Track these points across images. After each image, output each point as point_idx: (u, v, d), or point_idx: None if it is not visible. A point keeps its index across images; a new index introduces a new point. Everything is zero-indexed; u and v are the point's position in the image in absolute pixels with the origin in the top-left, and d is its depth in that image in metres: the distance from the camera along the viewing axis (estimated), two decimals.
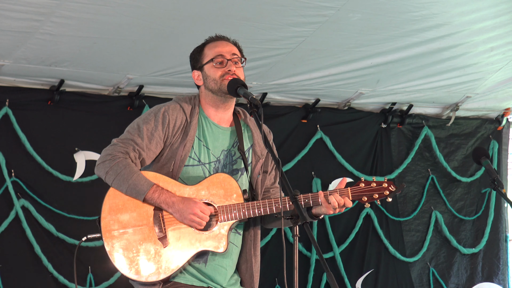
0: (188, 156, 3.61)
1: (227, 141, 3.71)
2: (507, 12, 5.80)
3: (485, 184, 7.88)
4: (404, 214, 7.60)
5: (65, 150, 6.21)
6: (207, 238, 3.53)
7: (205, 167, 3.64)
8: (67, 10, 5.02)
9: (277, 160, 3.37)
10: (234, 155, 3.71)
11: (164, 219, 3.52)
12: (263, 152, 3.75)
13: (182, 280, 3.56)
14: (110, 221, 3.51)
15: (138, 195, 3.49)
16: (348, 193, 3.63)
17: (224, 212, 3.55)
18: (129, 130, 3.62)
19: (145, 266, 3.48)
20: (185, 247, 3.51)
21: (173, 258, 3.50)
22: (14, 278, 5.96)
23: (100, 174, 3.57)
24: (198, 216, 3.48)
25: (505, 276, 7.98)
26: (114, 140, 3.61)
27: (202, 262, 3.59)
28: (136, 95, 6.36)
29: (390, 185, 3.67)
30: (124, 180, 3.49)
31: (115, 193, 3.54)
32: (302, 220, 3.16)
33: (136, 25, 5.37)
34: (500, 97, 7.57)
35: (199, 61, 3.71)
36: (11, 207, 5.97)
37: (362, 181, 3.66)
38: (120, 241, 3.50)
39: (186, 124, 3.64)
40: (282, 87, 6.69)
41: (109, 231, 3.51)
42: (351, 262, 7.30)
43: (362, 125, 7.39)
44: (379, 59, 6.32)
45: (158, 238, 3.50)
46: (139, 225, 3.51)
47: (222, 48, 3.69)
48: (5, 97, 5.99)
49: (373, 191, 3.65)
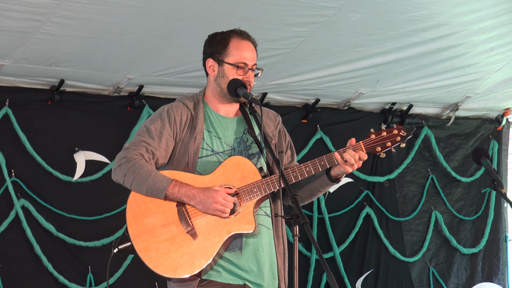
0: (201, 148, 3.61)
1: (237, 129, 3.71)
2: (507, 12, 5.80)
3: (485, 184, 7.88)
4: (404, 214, 7.61)
5: (65, 150, 6.21)
6: (234, 221, 3.53)
7: (219, 155, 3.64)
8: (67, 10, 5.02)
9: (277, 160, 3.37)
10: (247, 141, 3.71)
11: (188, 212, 3.52)
12: (274, 133, 3.76)
13: (218, 279, 3.56)
14: (137, 227, 3.52)
15: (159, 192, 3.49)
16: (361, 146, 3.62)
17: (245, 192, 3.55)
18: (138, 133, 3.64)
19: (180, 262, 3.49)
20: (215, 235, 3.51)
21: (205, 249, 3.50)
22: (14, 278, 5.96)
23: (117, 178, 3.58)
24: (221, 204, 3.47)
25: (505, 276, 7.98)
26: (126, 144, 3.63)
27: (238, 250, 3.58)
28: (136, 95, 6.36)
29: (401, 130, 3.66)
30: (142, 180, 3.50)
31: (135, 198, 3.55)
32: (302, 220, 3.16)
33: (136, 25, 5.37)
34: (500, 97, 7.57)
35: (221, 54, 3.68)
36: (11, 207, 5.97)
37: (373, 132, 3.65)
38: (151, 243, 3.50)
39: (192, 119, 3.64)
40: (282, 87, 6.69)
41: (138, 237, 3.51)
42: (351, 262, 7.30)
43: (362, 125, 7.39)
44: (379, 59, 6.33)
45: (187, 232, 3.50)
46: (165, 224, 3.52)
47: (248, 54, 3.68)
48: (5, 97, 5.99)
49: (385, 140, 3.65)
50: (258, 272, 3.60)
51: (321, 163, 3.59)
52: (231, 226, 3.52)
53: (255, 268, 3.60)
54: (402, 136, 3.64)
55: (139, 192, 3.54)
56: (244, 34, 3.74)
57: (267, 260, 3.63)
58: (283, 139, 3.81)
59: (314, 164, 3.60)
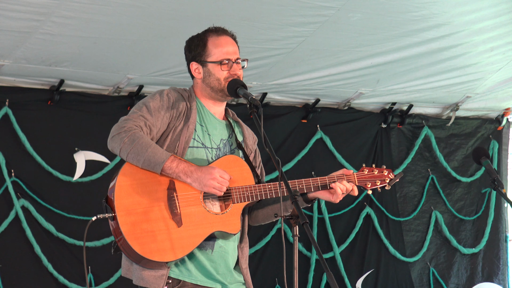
0: (192, 138, 3.60)
1: (224, 131, 3.72)
2: (507, 12, 5.80)
3: (485, 184, 7.88)
4: (404, 214, 7.60)
5: (65, 150, 6.21)
6: (221, 219, 3.51)
7: (208, 151, 3.63)
8: (67, 10, 5.02)
9: (276, 160, 3.37)
10: (231, 145, 3.72)
11: (178, 199, 3.49)
12: (253, 147, 3.80)
13: (189, 279, 3.54)
14: (124, 201, 3.44)
15: (156, 165, 3.42)
16: (354, 178, 3.69)
17: (238, 193, 3.54)
18: (136, 109, 3.58)
19: (161, 246, 3.44)
20: (199, 228, 3.49)
21: (187, 238, 3.47)
22: (14, 278, 5.97)
23: (114, 146, 3.49)
24: (217, 181, 3.44)
25: (505, 276, 7.98)
26: (123, 117, 3.56)
27: (209, 249, 3.57)
28: (136, 95, 6.36)
29: (390, 173, 3.75)
30: (141, 150, 3.42)
31: (130, 171, 3.47)
32: (302, 220, 3.16)
33: (136, 25, 5.37)
34: (500, 97, 7.57)
35: (202, 55, 3.69)
36: (11, 207, 5.97)
37: (365, 168, 3.73)
38: (136, 220, 3.43)
39: (187, 109, 3.63)
40: (282, 87, 6.69)
41: (124, 211, 3.44)
42: (351, 262, 7.30)
43: (362, 125, 7.39)
44: (379, 59, 6.33)
45: (172, 218, 3.46)
46: (153, 205, 3.46)
47: (228, 49, 3.67)
48: (5, 97, 5.99)
49: (375, 178, 3.73)
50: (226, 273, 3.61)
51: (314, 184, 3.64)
52: (216, 223, 3.50)
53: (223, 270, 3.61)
54: (390, 179, 3.75)
55: (134, 163, 3.46)
56: (220, 29, 3.72)
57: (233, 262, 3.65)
58: (257, 158, 3.83)
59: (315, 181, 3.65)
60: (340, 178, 3.65)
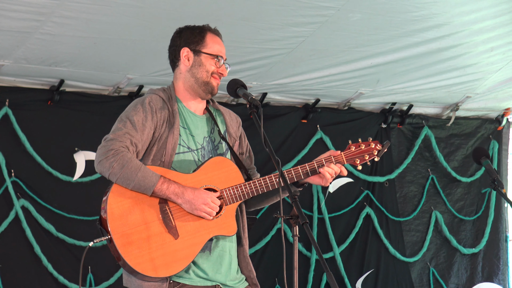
0: (178, 144, 3.59)
1: (205, 128, 3.71)
2: (507, 12, 5.80)
3: (485, 184, 7.88)
4: (404, 214, 7.60)
5: (65, 150, 6.21)
6: (216, 224, 3.51)
7: (194, 153, 3.62)
8: (67, 10, 5.02)
9: (276, 160, 3.37)
10: (214, 141, 3.71)
11: (171, 211, 3.49)
12: (237, 134, 3.78)
13: (187, 282, 3.54)
14: (118, 222, 3.44)
15: (147, 188, 3.43)
16: (342, 158, 3.68)
17: (228, 194, 3.54)
18: (120, 125, 3.56)
19: (161, 261, 3.44)
20: (196, 236, 3.49)
21: (186, 249, 3.47)
22: (14, 278, 5.97)
23: (103, 170, 3.48)
24: (209, 207, 3.46)
25: (505, 276, 7.98)
26: (108, 135, 3.54)
27: (207, 251, 3.57)
28: (136, 95, 6.36)
29: (377, 144, 3.75)
30: (131, 175, 3.42)
31: (119, 192, 3.47)
32: (302, 220, 3.16)
33: (136, 25, 5.37)
34: (500, 97, 7.57)
35: (198, 44, 3.67)
36: (11, 207, 5.97)
37: (352, 144, 3.72)
38: (133, 240, 3.43)
39: (169, 113, 3.62)
40: (282, 87, 6.70)
41: (119, 233, 3.44)
42: (351, 262, 7.30)
43: (362, 125, 7.39)
44: (379, 59, 6.33)
45: (168, 232, 3.46)
46: (147, 221, 3.46)
47: (221, 49, 3.70)
48: (5, 97, 5.99)
49: (363, 153, 3.72)
50: (226, 272, 3.61)
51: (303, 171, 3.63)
52: (212, 229, 3.51)
53: (223, 270, 3.60)
54: (378, 150, 3.74)
55: (125, 186, 3.45)
56: (217, 31, 3.75)
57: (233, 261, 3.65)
58: (243, 142, 3.82)
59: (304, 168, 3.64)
60: (328, 161, 3.64)
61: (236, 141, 3.76)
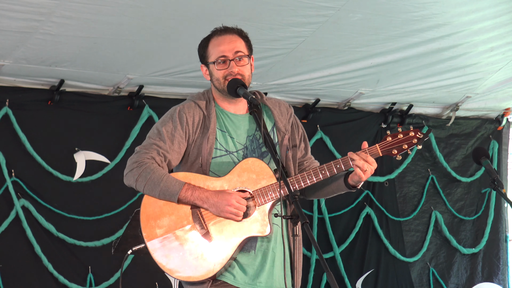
0: (214, 148, 3.59)
1: (249, 127, 3.69)
2: (507, 12, 5.81)
3: (485, 184, 7.88)
4: (404, 214, 7.61)
5: (65, 150, 6.21)
6: (250, 224, 3.50)
7: (233, 155, 3.62)
8: (67, 10, 5.02)
9: (277, 160, 3.36)
10: (259, 138, 3.68)
11: (203, 215, 3.51)
12: (287, 127, 3.74)
13: (231, 282, 3.54)
14: (151, 229, 3.50)
15: (172, 196, 3.48)
16: (377, 149, 3.59)
17: (260, 195, 3.52)
18: (150, 136, 3.62)
19: (195, 265, 3.47)
20: (229, 238, 3.49)
21: (220, 252, 3.48)
22: (14, 278, 5.97)
23: (130, 183, 3.56)
24: (234, 207, 3.45)
25: (505, 276, 7.99)
26: (137, 148, 3.60)
27: (252, 251, 3.56)
28: (136, 95, 6.36)
29: (417, 132, 3.60)
30: (155, 185, 3.48)
31: (150, 201, 3.53)
32: (302, 220, 3.16)
33: (136, 25, 5.37)
34: (500, 97, 7.57)
35: (205, 57, 3.69)
36: (11, 207, 5.97)
37: (389, 135, 3.60)
38: (165, 246, 3.49)
39: (204, 119, 3.63)
40: (282, 87, 6.69)
41: (152, 239, 3.50)
42: (351, 262, 7.30)
43: (362, 125, 7.39)
44: (379, 59, 6.33)
45: (202, 235, 3.49)
46: (180, 226, 3.50)
47: (225, 47, 3.65)
48: (5, 97, 5.99)
49: (401, 142, 3.60)
50: (270, 273, 3.59)
51: (337, 166, 3.56)
52: (246, 230, 3.50)
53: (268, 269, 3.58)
54: (418, 138, 3.59)
55: (152, 196, 3.52)
56: (223, 29, 3.70)
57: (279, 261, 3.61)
58: (295, 132, 3.78)
59: (330, 167, 3.57)
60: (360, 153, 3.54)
61: (285, 135, 3.72)
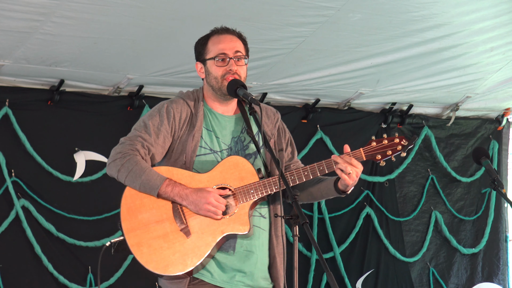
0: (199, 146, 3.61)
1: (234, 128, 3.70)
2: (507, 12, 5.81)
3: (485, 184, 7.88)
4: (404, 214, 7.60)
5: (65, 150, 6.21)
6: (229, 221, 3.52)
7: (217, 154, 3.63)
8: (67, 10, 5.02)
9: (276, 160, 3.36)
10: (244, 140, 3.70)
11: (184, 210, 3.52)
12: (273, 132, 3.76)
13: (209, 280, 3.56)
14: (131, 222, 3.51)
15: (152, 190, 3.49)
16: (361, 153, 3.62)
17: (241, 193, 3.54)
18: (135, 128, 3.63)
19: (172, 259, 3.48)
20: (208, 235, 3.50)
21: (198, 248, 3.49)
22: (14, 278, 5.97)
23: (112, 173, 3.57)
24: (212, 205, 3.46)
25: (505, 276, 7.98)
26: (122, 139, 3.61)
27: (231, 250, 3.58)
28: (136, 95, 6.36)
29: (402, 139, 3.64)
30: (136, 177, 3.49)
31: (131, 193, 3.54)
32: (302, 220, 3.16)
33: (136, 25, 5.37)
34: (500, 97, 7.57)
35: (202, 54, 3.70)
36: (11, 207, 5.97)
37: (374, 140, 3.63)
38: (143, 239, 3.49)
39: (191, 116, 3.64)
40: (282, 87, 6.69)
41: (131, 232, 3.50)
42: (351, 262, 7.30)
43: (362, 125, 7.39)
44: (379, 59, 6.33)
45: (180, 230, 3.50)
46: (159, 220, 3.51)
47: (225, 45, 3.66)
48: (5, 97, 5.99)
49: (385, 148, 3.63)
50: (250, 274, 3.60)
51: (320, 168, 3.58)
52: (225, 227, 3.51)
53: (247, 270, 3.59)
54: (403, 146, 3.62)
55: (132, 187, 3.53)
56: (223, 29, 3.72)
57: (259, 262, 3.63)
58: (282, 137, 3.80)
59: (313, 169, 3.58)
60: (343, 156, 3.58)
61: (271, 139, 3.73)
